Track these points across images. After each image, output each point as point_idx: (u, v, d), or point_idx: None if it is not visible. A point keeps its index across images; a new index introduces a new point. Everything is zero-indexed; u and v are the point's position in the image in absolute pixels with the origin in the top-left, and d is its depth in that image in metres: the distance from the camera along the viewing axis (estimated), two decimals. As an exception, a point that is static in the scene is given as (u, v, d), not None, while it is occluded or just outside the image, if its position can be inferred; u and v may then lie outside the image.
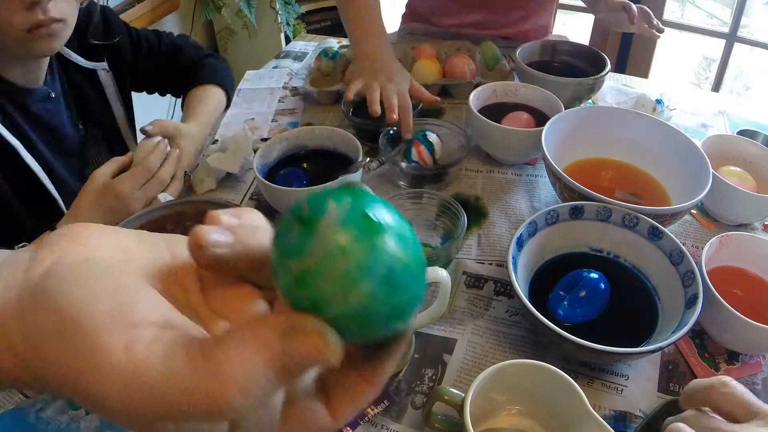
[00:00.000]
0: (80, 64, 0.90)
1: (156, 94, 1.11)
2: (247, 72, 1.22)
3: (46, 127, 0.84)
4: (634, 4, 1.09)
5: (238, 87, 1.16)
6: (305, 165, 0.85)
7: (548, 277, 0.68)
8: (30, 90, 0.81)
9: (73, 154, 0.89)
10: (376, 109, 0.87)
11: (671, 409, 0.55)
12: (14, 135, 0.76)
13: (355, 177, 0.78)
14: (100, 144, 0.96)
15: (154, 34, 1.04)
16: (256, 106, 1.10)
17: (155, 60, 1.03)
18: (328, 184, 0.74)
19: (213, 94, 1.03)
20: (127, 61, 0.98)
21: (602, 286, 0.64)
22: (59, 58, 0.88)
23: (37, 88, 0.82)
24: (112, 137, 0.99)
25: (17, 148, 0.75)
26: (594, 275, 0.64)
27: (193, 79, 1.03)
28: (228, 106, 1.09)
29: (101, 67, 0.93)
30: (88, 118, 0.94)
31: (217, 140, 0.97)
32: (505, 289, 0.71)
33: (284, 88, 1.15)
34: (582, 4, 1.33)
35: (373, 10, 0.98)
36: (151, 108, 1.25)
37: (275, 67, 1.24)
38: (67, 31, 0.75)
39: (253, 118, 1.04)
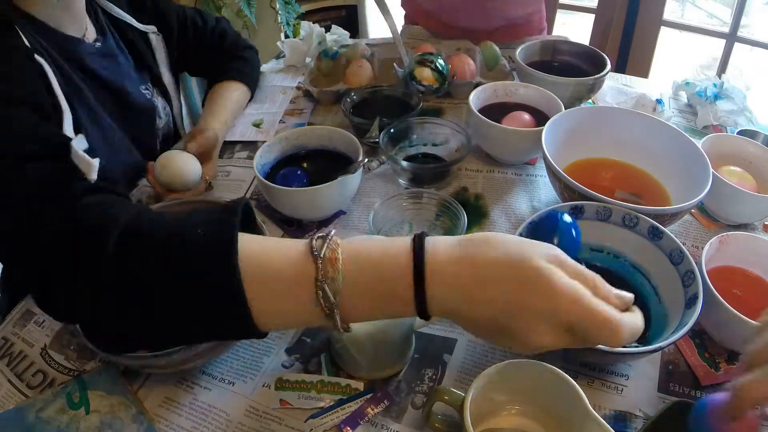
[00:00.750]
0: (132, 24, 0.85)
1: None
2: (263, 67, 1.22)
3: (106, 86, 0.77)
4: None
5: None
6: (305, 165, 0.85)
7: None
8: (81, 41, 0.74)
9: (143, 121, 0.82)
10: None
11: (675, 411, 0.55)
12: (71, 99, 0.67)
13: (355, 177, 0.78)
14: (166, 116, 0.91)
15: (197, 12, 1.02)
16: (267, 107, 1.10)
17: (200, 41, 1.00)
18: (327, 184, 0.74)
19: (239, 95, 1.02)
20: (174, 34, 0.94)
21: (573, 233, 0.63)
22: (109, 17, 0.82)
23: (87, 42, 0.76)
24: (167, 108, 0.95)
25: (63, 115, 0.64)
26: (567, 219, 0.64)
27: (226, 69, 1.02)
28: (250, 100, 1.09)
29: (152, 30, 0.89)
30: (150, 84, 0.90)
31: None
32: (505, 289, 0.71)
33: (298, 88, 1.15)
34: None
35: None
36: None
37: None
38: None
39: (261, 119, 1.04)
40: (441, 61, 1.00)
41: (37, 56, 0.64)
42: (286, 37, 2.28)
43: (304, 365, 0.63)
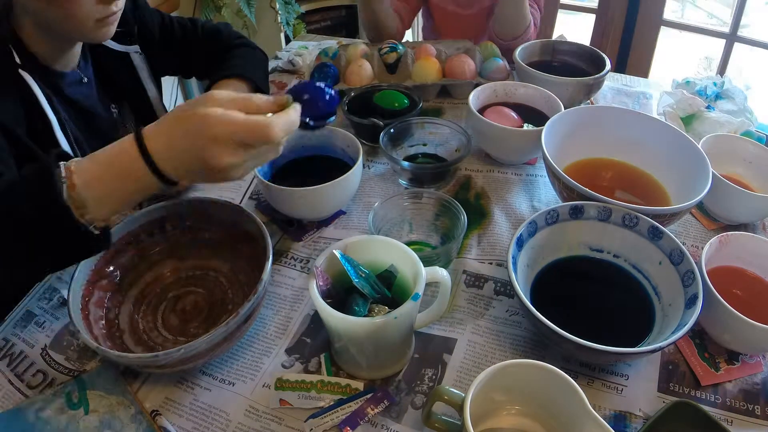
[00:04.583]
0: (113, 48, 0.91)
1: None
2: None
3: (80, 109, 0.85)
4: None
5: None
6: (305, 165, 0.85)
7: (549, 278, 0.68)
8: (64, 74, 0.82)
9: (104, 134, 0.89)
10: None
11: (675, 411, 0.55)
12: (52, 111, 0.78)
13: (355, 177, 0.78)
14: (132, 124, 0.98)
15: (189, 20, 1.04)
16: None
17: (191, 44, 1.02)
18: (327, 184, 0.74)
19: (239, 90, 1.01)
20: (156, 44, 0.98)
21: (327, 96, 0.61)
22: (90, 45, 0.88)
23: (69, 72, 0.83)
24: (147, 117, 0.99)
25: (52, 123, 0.77)
26: (320, 84, 0.61)
27: (221, 67, 1.00)
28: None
29: (134, 50, 0.94)
30: (122, 100, 0.96)
31: None
32: (505, 288, 0.71)
33: None
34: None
35: None
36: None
37: (275, 67, 1.24)
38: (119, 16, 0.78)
39: None
40: None
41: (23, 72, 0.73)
42: (287, 37, 2.28)
43: (304, 365, 0.63)
